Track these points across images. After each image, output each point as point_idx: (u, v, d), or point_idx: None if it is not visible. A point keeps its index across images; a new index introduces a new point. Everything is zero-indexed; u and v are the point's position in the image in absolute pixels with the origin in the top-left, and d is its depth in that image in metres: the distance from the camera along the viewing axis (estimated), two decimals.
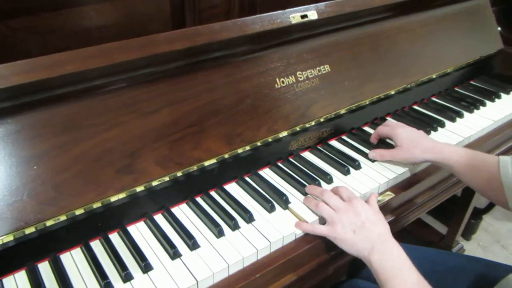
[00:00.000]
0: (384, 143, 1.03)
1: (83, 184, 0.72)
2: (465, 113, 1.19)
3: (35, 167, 0.68)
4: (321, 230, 0.76)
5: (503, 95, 1.30)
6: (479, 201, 1.88)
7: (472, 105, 1.22)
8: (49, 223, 0.71)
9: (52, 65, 0.66)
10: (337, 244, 0.76)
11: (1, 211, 0.66)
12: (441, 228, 1.92)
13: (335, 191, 0.82)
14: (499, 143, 1.17)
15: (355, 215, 0.75)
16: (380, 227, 0.75)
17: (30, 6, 0.68)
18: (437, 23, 1.28)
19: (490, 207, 2.01)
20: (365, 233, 0.73)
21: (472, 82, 1.38)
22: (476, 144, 1.11)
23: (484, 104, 1.24)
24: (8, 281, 0.69)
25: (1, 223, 0.66)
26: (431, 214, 2.01)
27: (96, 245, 0.75)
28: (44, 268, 0.71)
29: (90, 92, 0.73)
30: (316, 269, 0.81)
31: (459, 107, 1.22)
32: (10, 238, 0.68)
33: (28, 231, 0.69)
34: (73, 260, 0.73)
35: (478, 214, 1.98)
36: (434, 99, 1.28)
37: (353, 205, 0.76)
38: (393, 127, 0.98)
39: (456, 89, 1.34)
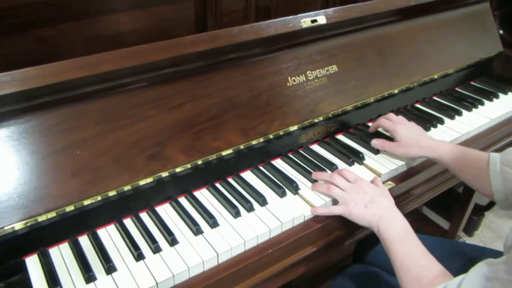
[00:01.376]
0: (383, 135, 1.12)
1: (118, 168, 0.82)
2: (464, 112, 1.27)
3: (78, 152, 0.79)
4: (337, 210, 0.87)
5: (501, 95, 1.38)
6: (480, 198, 1.96)
7: (471, 104, 1.30)
8: (86, 202, 0.81)
9: (93, 64, 0.77)
10: (352, 220, 0.86)
11: (48, 189, 0.76)
12: (444, 223, 2.00)
13: (340, 173, 0.91)
14: (495, 140, 1.25)
15: (364, 193, 0.86)
16: (386, 200, 0.85)
17: (75, 13, 0.78)
18: (439, 27, 1.36)
19: (491, 204, 2.08)
20: (375, 206, 0.84)
21: (472, 83, 1.46)
22: (473, 141, 1.19)
23: (482, 103, 1.32)
24: (54, 251, 0.79)
25: (48, 200, 0.76)
26: (434, 210, 2.09)
27: (128, 223, 0.85)
28: (84, 240, 0.81)
29: (124, 87, 0.83)
30: (321, 248, 0.90)
31: (458, 105, 1.30)
32: (53, 214, 0.78)
33: (68, 209, 0.80)
34: (109, 234, 0.83)
35: (480, 210, 2.05)
36: (435, 98, 1.36)
37: (360, 185, 0.87)
38: (394, 123, 1.06)
39: (457, 89, 1.42)
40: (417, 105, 1.31)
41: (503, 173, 0.86)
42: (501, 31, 1.70)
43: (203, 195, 0.92)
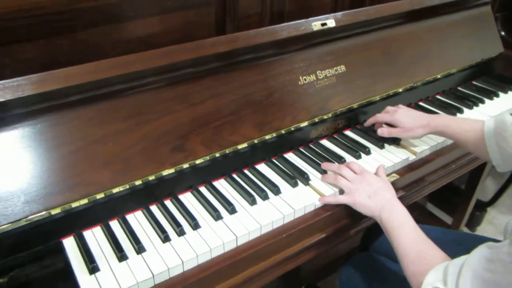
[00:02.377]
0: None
1: (145, 159, 0.90)
2: (465, 109, 1.34)
3: (110, 144, 0.87)
4: (342, 199, 0.94)
5: (501, 94, 1.45)
6: (482, 194, 2.02)
7: (472, 102, 1.37)
8: (115, 190, 0.89)
9: (125, 64, 0.85)
10: (356, 209, 0.93)
11: (82, 178, 0.84)
12: (447, 219, 2.07)
13: (347, 166, 0.99)
14: None
15: (368, 185, 0.93)
16: (389, 193, 0.93)
17: (109, 18, 0.86)
18: (442, 29, 1.43)
19: (493, 200, 2.14)
20: (378, 198, 0.91)
21: (474, 82, 1.53)
22: None
23: (483, 102, 1.39)
24: (87, 233, 0.87)
25: (81, 187, 0.84)
26: (437, 205, 2.16)
27: (154, 209, 0.93)
28: (115, 224, 0.89)
29: (151, 85, 0.91)
30: (330, 235, 0.98)
31: (460, 104, 1.37)
32: (85, 201, 0.86)
33: (99, 196, 0.88)
34: (137, 219, 0.90)
35: (483, 206, 2.12)
36: (438, 96, 1.43)
37: (365, 177, 0.95)
38: (392, 114, 1.13)
39: (459, 88, 1.49)
40: (421, 103, 1.38)
41: (498, 142, 0.94)
42: (502, 33, 1.77)
43: (221, 185, 1.00)
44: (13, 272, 0.79)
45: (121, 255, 0.81)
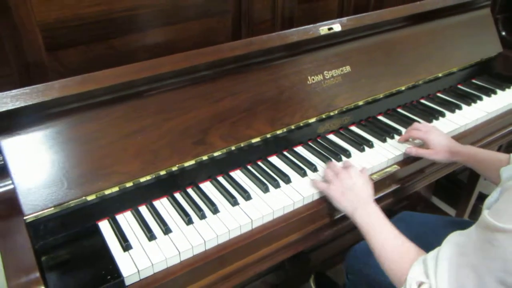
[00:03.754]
0: (386, 130, 1.29)
1: (170, 151, 1.01)
2: (464, 106, 1.43)
3: (139, 137, 0.98)
4: (321, 186, 1.02)
5: (499, 91, 1.53)
6: (484, 187, 2.10)
7: (471, 99, 1.46)
8: (142, 179, 1.00)
9: (154, 67, 0.96)
10: (331, 201, 1.00)
11: (114, 168, 0.95)
12: (450, 211, 2.15)
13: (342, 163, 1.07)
14: (491, 132, 1.41)
15: (348, 178, 0.98)
16: (365, 192, 0.97)
17: (138, 26, 0.97)
18: (443, 31, 1.52)
19: None
20: (351, 196, 0.96)
21: (474, 81, 1.62)
22: (470, 132, 1.35)
23: (481, 99, 1.48)
24: (120, 217, 0.98)
25: (113, 176, 0.95)
26: (441, 198, 2.24)
27: (178, 196, 1.04)
28: (143, 209, 1.00)
29: (176, 85, 1.02)
30: (335, 220, 1.08)
31: (459, 101, 1.46)
32: (116, 188, 0.97)
33: (128, 184, 0.99)
34: (163, 205, 1.01)
35: (485, 199, 2.19)
36: (439, 94, 1.52)
37: (348, 171, 1.01)
38: (426, 132, 1.16)
39: (459, 86, 1.58)
40: (422, 101, 1.47)
41: None
42: (503, 33, 1.85)
43: (237, 175, 1.11)
44: (56, 250, 0.90)
45: (151, 235, 0.92)
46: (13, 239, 0.83)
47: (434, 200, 2.27)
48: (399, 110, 1.42)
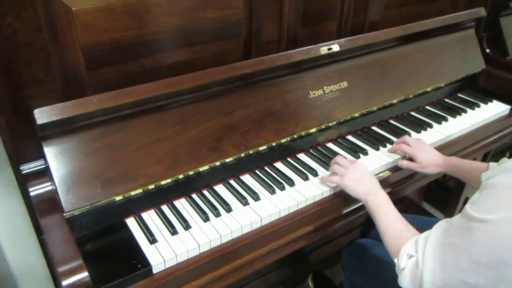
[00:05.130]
0: (384, 138, 1.43)
1: (189, 157, 1.14)
2: (450, 118, 1.58)
3: (162, 145, 1.11)
4: (335, 179, 1.16)
5: (482, 105, 1.68)
6: (471, 193, 2.25)
7: (456, 112, 1.60)
8: (163, 182, 1.13)
9: (177, 83, 1.09)
10: (345, 190, 1.15)
11: (139, 171, 1.08)
12: (439, 215, 2.30)
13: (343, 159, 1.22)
14: (474, 141, 1.55)
15: (357, 171, 1.14)
16: (374, 180, 1.13)
17: (164, 47, 1.11)
18: (431, 49, 1.67)
19: None
20: (364, 183, 1.12)
21: (459, 95, 1.77)
22: (455, 141, 1.49)
23: (465, 112, 1.62)
24: (145, 215, 1.11)
25: (138, 179, 1.08)
26: (432, 204, 2.39)
27: (195, 197, 1.17)
28: (165, 208, 1.13)
29: (194, 98, 1.15)
30: (334, 219, 1.22)
31: (446, 113, 1.60)
32: (140, 190, 1.10)
33: (150, 187, 1.12)
34: (182, 205, 1.15)
35: None
36: (427, 107, 1.67)
37: (355, 165, 1.16)
38: (413, 149, 1.29)
39: (446, 99, 1.73)
40: (412, 113, 1.62)
41: None
42: (487, 50, 2.00)
43: (247, 179, 1.24)
44: (91, 243, 1.03)
45: (173, 231, 1.05)
46: (57, 232, 0.95)
47: (425, 206, 2.41)
48: (391, 121, 1.56)
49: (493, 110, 1.65)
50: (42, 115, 0.94)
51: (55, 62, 0.97)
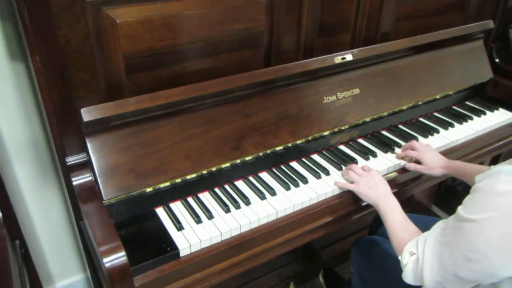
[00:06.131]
0: (388, 143, 1.53)
1: (213, 155, 1.26)
2: (456, 124, 1.67)
3: (190, 143, 1.24)
4: (350, 186, 1.28)
5: (488, 112, 1.77)
6: None
7: (463, 119, 1.70)
8: (188, 176, 1.26)
9: (204, 88, 1.22)
10: (359, 195, 1.26)
11: (170, 166, 1.21)
12: (446, 217, 2.37)
13: (361, 167, 1.33)
14: (478, 147, 1.64)
15: (371, 178, 1.25)
16: (385, 187, 1.24)
17: (192, 55, 1.24)
18: (441, 59, 1.76)
19: None
20: (376, 189, 1.23)
21: (467, 102, 1.86)
22: (461, 146, 1.58)
23: (472, 119, 1.71)
24: (172, 205, 1.23)
25: (169, 173, 1.21)
26: (439, 206, 2.47)
27: (218, 191, 1.29)
28: (191, 200, 1.25)
29: (219, 102, 1.27)
30: (343, 215, 1.32)
31: (453, 120, 1.70)
32: (168, 183, 1.23)
33: (178, 180, 1.24)
34: (205, 197, 1.27)
35: None
36: (435, 113, 1.76)
37: (370, 173, 1.27)
38: (421, 153, 1.38)
39: (454, 107, 1.82)
40: (421, 119, 1.72)
41: None
42: (497, 60, 2.09)
43: (264, 176, 1.36)
44: (125, 228, 1.16)
45: (198, 220, 1.17)
46: (97, 217, 1.08)
47: (433, 209, 2.50)
48: (400, 126, 1.66)
49: (499, 117, 1.74)
50: (88, 114, 1.07)
51: (100, 67, 1.10)
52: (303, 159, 1.43)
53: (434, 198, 2.52)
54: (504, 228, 0.84)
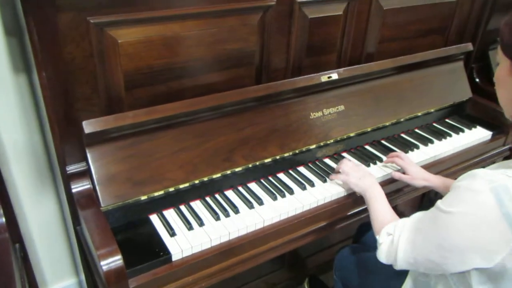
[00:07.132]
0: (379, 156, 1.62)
1: (206, 165, 1.34)
2: (435, 141, 1.77)
3: (183, 154, 1.31)
4: (342, 177, 1.38)
5: (466, 130, 1.87)
6: None
7: (442, 135, 1.80)
8: (181, 186, 1.34)
9: (198, 103, 1.30)
10: (349, 185, 1.36)
11: (164, 176, 1.28)
12: None
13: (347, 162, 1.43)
14: (456, 162, 1.74)
15: (359, 171, 1.36)
16: (372, 178, 1.34)
17: (188, 73, 1.32)
18: (422, 78, 1.87)
19: None
20: (364, 180, 1.33)
21: (447, 120, 1.96)
22: (440, 162, 1.68)
23: (450, 136, 1.82)
24: (166, 212, 1.31)
25: (163, 182, 1.28)
26: None
27: (209, 199, 1.37)
28: (183, 208, 1.33)
29: (212, 116, 1.36)
30: (334, 221, 1.41)
31: (432, 136, 1.80)
32: (161, 192, 1.30)
33: (171, 189, 1.32)
34: (197, 206, 1.35)
35: None
36: (416, 130, 1.86)
37: (359, 167, 1.39)
38: (405, 163, 1.47)
39: (434, 124, 1.92)
40: (402, 135, 1.81)
41: None
42: (477, 80, 2.20)
43: (253, 186, 1.44)
44: (120, 234, 1.23)
45: (190, 226, 1.25)
46: (95, 223, 1.15)
47: None
48: (383, 141, 1.75)
49: (476, 135, 1.84)
50: (90, 126, 1.15)
51: (101, 82, 1.18)
52: (290, 171, 1.52)
53: (417, 210, 2.60)
54: (474, 221, 0.93)
